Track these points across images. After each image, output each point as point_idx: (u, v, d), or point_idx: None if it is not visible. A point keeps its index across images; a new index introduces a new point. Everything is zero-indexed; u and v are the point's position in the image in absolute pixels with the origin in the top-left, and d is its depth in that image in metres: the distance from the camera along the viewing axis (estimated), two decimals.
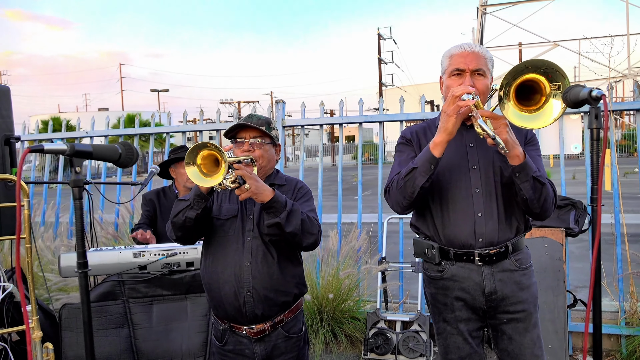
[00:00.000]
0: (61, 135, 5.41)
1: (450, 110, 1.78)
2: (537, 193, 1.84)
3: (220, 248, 2.09)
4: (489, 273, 1.94)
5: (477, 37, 27.36)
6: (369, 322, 3.79)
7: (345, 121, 4.36)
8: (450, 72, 1.97)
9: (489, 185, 1.95)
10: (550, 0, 26.42)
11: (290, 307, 2.12)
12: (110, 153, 1.87)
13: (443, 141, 1.82)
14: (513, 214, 1.97)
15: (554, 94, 1.65)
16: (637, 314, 3.52)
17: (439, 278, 2.02)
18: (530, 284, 2.01)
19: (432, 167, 1.84)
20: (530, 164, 1.82)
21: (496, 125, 1.73)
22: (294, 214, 1.93)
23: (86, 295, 1.71)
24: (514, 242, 1.97)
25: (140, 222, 3.40)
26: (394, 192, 1.95)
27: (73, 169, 1.73)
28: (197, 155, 1.76)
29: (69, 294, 3.81)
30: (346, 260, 4.00)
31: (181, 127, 4.91)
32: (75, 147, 1.73)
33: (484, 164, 1.96)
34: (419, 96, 4.31)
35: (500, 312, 1.98)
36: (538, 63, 1.64)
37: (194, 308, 2.86)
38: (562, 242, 3.58)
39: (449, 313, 2.01)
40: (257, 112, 4.75)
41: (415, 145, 2.07)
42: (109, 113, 39.96)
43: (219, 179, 1.74)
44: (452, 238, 1.96)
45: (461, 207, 1.95)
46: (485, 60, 1.96)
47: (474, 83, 1.90)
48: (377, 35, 35.90)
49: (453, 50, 1.99)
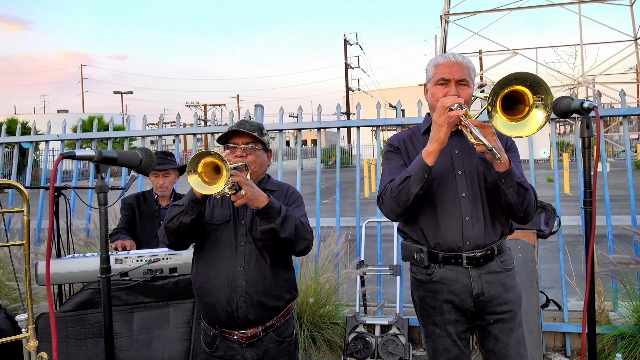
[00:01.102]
0: (30, 138, 5.19)
1: (442, 120, 1.84)
2: (521, 198, 1.92)
3: (212, 253, 2.07)
4: (477, 275, 2.00)
5: (440, 44, 28.05)
6: (348, 326, 3.81)
7: (323, 126, 4.39)
8: (435, 80, 2.04)
9: (474, 190, 2.02)
10: (509, 10, 27.44)
11: (281, 312, 2.12)
12: (133, 159, 1.91)
13: (436, 150, 1.88)
14: (497, 217, 2.05)
15: (537, 104, 1.74)
16: (604, 312, 3.68)
17: (427, 281, 2.06)
18: (515, 284, 2.08)
19: (425, 175, 1.90)
20: (515, 170, 1.90)
21: (485, 133, 1.80)
22: (288, 220, 1.94)
23: (108, 301, 1.74)
24: (498, 244, 2.04)
25: (119, 226, 3.33)
26: (388, 201, 1.99)
27: (99, 174, 1.76)
28: (199, 163, 1.77)
29: (39, 303, 3.68)
30: (325, 264, 4.01)
31: (157, 131, 4.81)
32: (103, 154, 1.78)
33: (469, 169, 2.04)
34: (384, 100, 4.41)
35: (487, 313, 2.04)
36: (525, 76, 1.72)
37: (176, 315, 2.80)
38: (534, 243, 3.70)
39: (438, 316, 2.06)
40: (224, 116, 4.73)
41: (403, 153, 2.13)
42: (69, 115, 38.45)
43: (220, 186, 1.75)
44: (440, 241, 2.01)
45: (449, 211, 2.01)
46: (469, 70, 2.03)
47: (458, 92, 1.98)
48: (344, 41, 36.23)
49: (438, 60, 2.06)
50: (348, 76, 36.40)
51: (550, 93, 1.68)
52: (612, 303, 3.75)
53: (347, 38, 36.19)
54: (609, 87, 25.23)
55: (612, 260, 3.62)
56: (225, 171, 1.73)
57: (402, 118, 4.31)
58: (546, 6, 27.40)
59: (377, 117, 4.29)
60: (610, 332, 3.51)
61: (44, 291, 3.55)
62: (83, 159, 1.76)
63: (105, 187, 1.74)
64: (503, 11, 27.11)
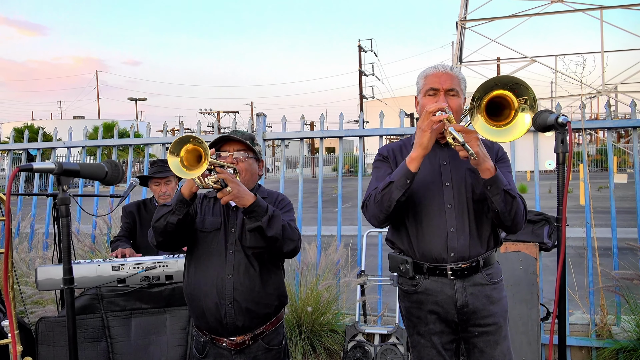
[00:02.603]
0: (37, 145, 5.32)
1: (425, 125, 1.86)
2: (508, 206, 1.92)
3: (202, 260, 2.11)
4: (461, 287, 2.01)
5: (456, 51, 27.88)
6: (348, 335, 3.82)
7: (326, 135, 4.41)
8: (425, 91, 2.06)
9: (461, 201, 2.03)
10: (528, 16, 27.21)
11: (271, 319, 2.15)
12: (97, 171, 1.91)
13: (419, 156, 1.90)
14: (484, 229, 2.05)
15: (522, 107, 1.74)
16: (607, 326, 3.63)
17: (413, 292, 2.08)
18: (501, 297, 2.08)
19: (408, 181, 1.91)
20: (501, 177, 1.90)
21: (468, 139, 1.81)
22: (275, 219, 1.96)
23: (72, 311, 1.74)
24: (485, 257, 2.04)
25: (120, 234, 3.38)
26: (371, 206, 2.02)
27: (60, 187, 1.75)
28: (182, 147, 1.77)
29: (44, 307, 3.75)
30: (325, 273, 4.03)
31: (160, 139, 4.89)
32: (63, 166, 1.77)
33: (457, 181, 2.04)
34: (398, 108, 4.40)
35: (471, 325, 2.04)
36: (504, 79, 1.74)
37: (173, 321, 2.85)
38: (536, 256, 3.68)
39: (422, 326, 2.07)
40: (238, 123, 4.78)
41: (392, 162, 2.15)
42: (85, 121, 39.01)
43: (197, 173, 1.74)
44: (425, 252, 2.03)
45: (434, 222, 2.02)
46: (459, 80, 2.05)
47: (447, 102, 1.99)
48: (358, 48, 36.29)
49: (428, 71, 2.08)
50: (362, 84, 36.43)
51: (530, 89, 1.69)
52: (615, 317, 3.69)
53: (361, 45, 36.25)
54: (630, 95, 24.79)
55: (615, 275, 3.57)
56: (205, 159, 1.72)
57: (405, 128, 4.33)
58: (567, 12, 27.07)
59: (380, 127, 4.30)
60: (612, 346, 3.46)
61: (47, 295, 3.63)
62: (42, 171, 1.77)
63: (66, 200, 1.74)
64: (522, 17, 26.92)
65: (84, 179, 4.67)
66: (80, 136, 5.13)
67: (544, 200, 4.28)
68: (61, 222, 1.71)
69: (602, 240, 4.18)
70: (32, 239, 4.89)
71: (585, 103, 4.15)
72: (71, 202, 3.19)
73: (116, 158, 4.74)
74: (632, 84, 25.27)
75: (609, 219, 3.85)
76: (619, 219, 3.83)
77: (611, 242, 3.79)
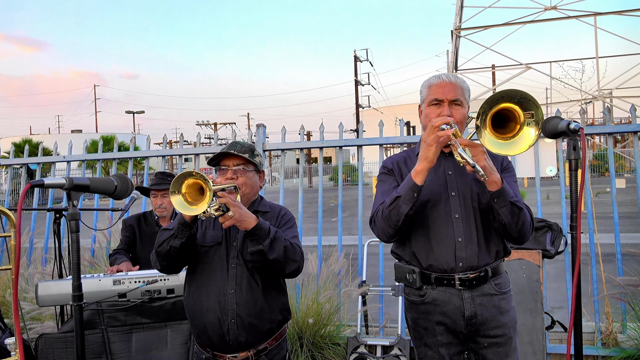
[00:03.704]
0: (37, 159, 5.30)
1: (430, 139, 1.84)
2: (515, 217, 1.90)
3: (204, 275, 2.08)
4: (469, 297, 1.98)
5: (452, 59, 28.04)
6: (350, 347, 3.77)
7: (325, 145, 4.40)
8: (429, 101, 2.04)
9: (467, 211, 2.01)
10: (522, 24, 27.40)
11: (274, 335, 2.11)
12: (107, 186, 1.90)
13: (424, 169, 1.88)
14: (492, 239, 2.03)
15: (528, 122, 1.73)
16: (612, 334, 3.60)
17: (420, 302, 2.05)
18: (510, 307, 2.05)
19: (415, 194, 1.89)
20: (508, 189, 1.89)
21: (474, 152, 1.80)
22: (277, 241, 1.94)
23: (80, 328, 1.72)
24: (493, 266, 2.02)
25: (119, 247, 3.36)
26: (380, 222, 1.99)
27: (71, 202, 1.75)
28: (182, 184, 1.78)
29: (43, 322, 3.71)
30: (326, 284, 3.99)
31: (160, 151, 4.87)
32: (74, 181, 1.77)
33: (463, 190, 2.03)
34: (394, 117, 4.40)
35: (480, 336, 2.01)
36: (512, 93, 1.72)
37: (174, 336, 2.81)
38: (539, 263, 3.65)
39: (430, 337, 2.04)
40: (236, 134, 4.77)
41: (397, 175, 2.12)
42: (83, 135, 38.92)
43: (203, 207, 1.76)
44: (433, 262, 2.00)
45: (442, 232, 1.99)
46: (462, 90, 2.03)
47: (451, 112, 1.97)
48: (354, 58, 36.46)
49: (432, 81, 2.06)
50: (358, 93, 36.55)
51: (539, 107, 1.67)
52: (621, 325, 3.66)
53: (357, 55, 36.42)
54: (626, 100, 24.92)
55: (619, 282, 3.55)
56: (208, 191, 1.74)
57: (405, 137, 4.32)
58: (561, 19, 27.26)
59: (380, 136, 4.29)
60: (618, 354, 3.43)
61: (47, 311, 3.59)
62: (53, 187, 1.76)
63: (77, 215, 1.73)
64: (516, 25, 27.11)
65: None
66: (79, 150, 5.11)
67: (543, 207, 4.26)
68: (71, 238, 1.70)
69: (604, 246, 4.17)
70: (31, 253, 4.85)
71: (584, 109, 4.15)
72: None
73: (115, 171, 4.72)
74: (628, 89, 25.43)
75: (609, 224, 3.83)
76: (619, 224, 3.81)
77: (613, 248, 3.78)
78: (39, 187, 1.78)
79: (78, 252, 1.73)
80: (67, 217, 1.73)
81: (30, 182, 1.73)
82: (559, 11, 25.03)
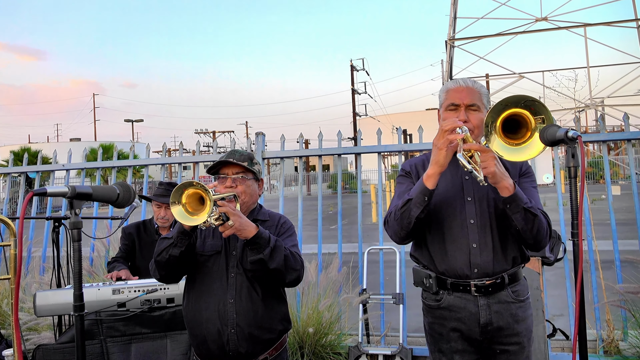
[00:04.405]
0: (37, 168, 5.27)
1: (440, 143, 1.83)
2: (529, 224, 1.86)
3: (203, 285, 2.06)
4: (485, 304, 1.95)
5: (446, 69, 28.22)
6: (351, 356, 3.75)
7: (324, 153, 4.41)
8: (446, 106, 2.03)
9: (483, 216, 1.98)
10: (514, 34, 27.67)
11: (274, 345, 2.09)
12: (110, 194, 1.88)
13: (435, 173, 1.87)
14: (509, 245, 1.99)
15: (539, 127, 1.69)
16: (614, 342, 3.59)
17: (436, 307, 2.03)
18: (526, 316, 2.02)
19: (425, 198, 1.88)
20: (521, 195, 1.85)
21: (484, 158, 1.77)
22: (277, 250, 1.94)
23: (82, 337, 1.68)
24: (510, 273, 1.98)
25: (117, 255, 3.34)
26: (392, 223, 1.99)
27: (73, 210, 1.72)
28: (183, 194, 1.77)
29: (40, 333, 3.67)
30: (326, 292, 3.97)
31: (160, 159, 4.86)
32: (77, 190, 1.74)
33: (479, 195, 2.00)
34: (391, 125, 4.42)
35: (494, 343, 1.98)
36: (518, 98, 1.69)
37: (173, 346, 2.78)
38: (539, 270, 3.64)
39: (444, 343, 2.02)
40: (236, 143, 4.76)
41: (414, 177, 2.10)
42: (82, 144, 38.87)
43: (203, 217, 1.75)
44: (448, 268, 1.98)
45: (456, 238, 1.97)
46: (480, 95, 2.01)
47: (468, 117, 1.95)
48: (350, 67, 36.63)
49: (449, 86, 2.05)
50: (355, 102, 36.68)
51: (548, 111, 1.65)
52: (622, 332, 3.66)
53: (353, 64, 36.60)
54: (617, 109, 25.14)
55: (619, 290, 3.54)
56: (208, 201, 1.73)
57: (402, 145, 4.33)
58: (552, 30, 27.56)
59: (378, 144, 4.30)
60: None
61: (44, 321, 3.55)
62: (55, 195, 1.74)
63: (79, 223, 1.71)
64: (508, 35, 27.37)
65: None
66: (78, 158, 5.10)
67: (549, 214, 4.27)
68: (73, 247, 1.67)
69: (602, 253, 4.17)
70: (29, 263, 4.81)
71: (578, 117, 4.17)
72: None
73: (115, 179, 4.70)
74: (619, 97, 25.68)
75: (606, 231, 3.84)
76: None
77: (611, 255, 3.78)
78: (41, 196, 1.74)
79: (80, 261, 1.70)
80: (69, 226, 1.70)
81: (32, 190, 1.71)
82: (550, 22, 25.33)
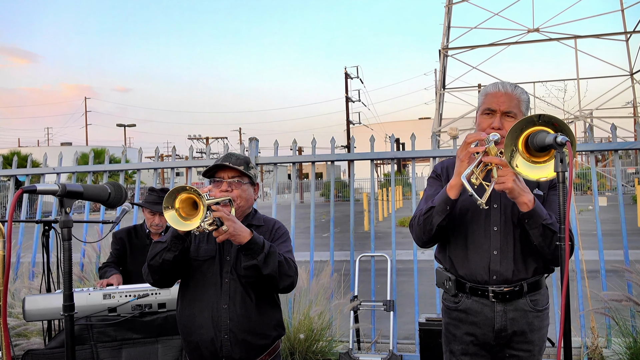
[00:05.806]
0: (26, 171, 5.25)
1: (463, 155, 1.84)
2: (547, 240, 1.85)
3: (197, 290, 2.06)
4: (502, 310, 1.96)
5: (439, 78, 28.50)
6: None
7: (317, 159, 4.44)
8: (482, 110, 1.99)
9: (507, 224, 1.98)
10: (506, 45, 28.01)
11: (267, 350, 2.10)
12: (101, 193, 1.85)
13: (458, 184, 1.87)
14: (530, 254, 1.97)
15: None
16: (598, 349, 3.63)
17: (453, 309, 2.06)
18: (542, 326, 2.02)
19: (447, 207, 1.90)
20: (540, 211, 1.84)
21: (503, 172, 1.77)
22: (271, 256, 1.94)
23: (71, 340, 1.67)
24: (530, 282, 1.98)
25: (109, 260, 3.34)
26: (416, 228, 2.02)
27: (63, 209, 1.70)
28: (176, 198, 1.77)
29: (29, 339, 3.65)
30: (317, 298, 3.99)
31: (152, 164, 4.87)
32: (67, 188, 1.70)
33: (505, 203, 1.99)
34: (384, 134, 4.46)
35: (507, 348, 2.00)
36: (531, 118, 1.61)
37: (165, 352, 2.78)
38: None
39: (456, 345, 2.05)
40: (229, 148, 4.79)
41: (444, 180, 2.10)
42: (73, 148, 38.58)
43: (197, 222, 1.75)
44: (467, 272, 2.00)
45: (478, 244, 1.98)
46: (519, 102, 1.96)
47: (502, 124, 1.91)
48: (345, 75, 36.80)
49: (488, 89, 2.01)
50: (349, 109, 36.81)
51: (568, 127, 1.57)
52: (606, 340, 3.71)
53: (348, 72, 36.76)
54: (605, 121, 25.50)
55: (604, 297, 3.60)
56: (202, 206, 1.73)
57: (395, 152, 4.38)
58: (543, 41, 27.96)
59: (371, 151, 4.35)
60: None
61: (34, 326, 3.54)
62: (45, 192, 1.70)
63: (69, 222, 1.68)
64: (501, 46, 27.71)
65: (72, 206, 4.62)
66: (69, 162, 5.08)
67: None
68: (63, 246, 1.66)
69: (588, 262, 4.23)
70: (18, 268, 4.77)
71: None
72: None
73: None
74: (607, 109, 26.02)
75: (592, 241, 3.90)
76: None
77: (597, 265, 3.84)
78: (31, 193, 1.70)
79: (70, 260, 1.67)
80: (60, 225, 1.67)
81: (22, 187, 1.68)
82: (542, 33, 25.64)
